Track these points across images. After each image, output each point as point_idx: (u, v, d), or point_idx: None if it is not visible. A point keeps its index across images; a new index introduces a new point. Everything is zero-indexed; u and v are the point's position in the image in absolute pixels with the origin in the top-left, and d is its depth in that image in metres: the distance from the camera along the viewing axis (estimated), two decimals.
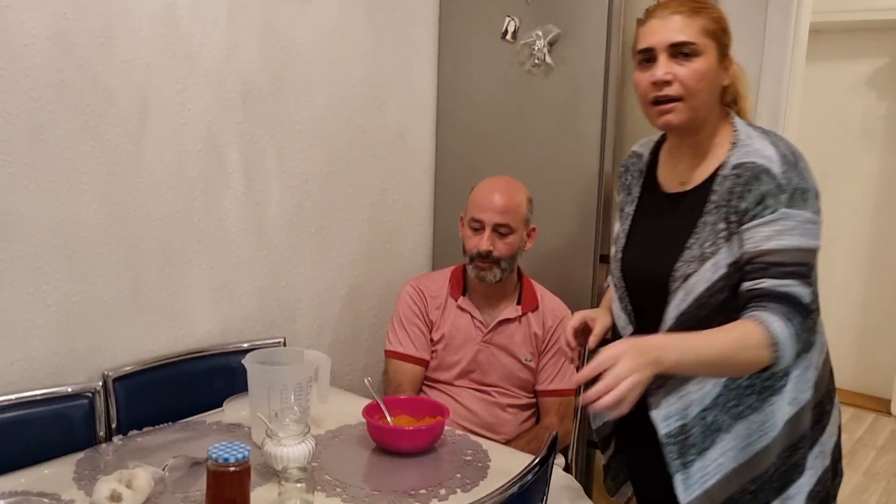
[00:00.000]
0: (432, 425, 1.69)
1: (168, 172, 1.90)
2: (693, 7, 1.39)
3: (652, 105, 1.42)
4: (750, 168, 1.35)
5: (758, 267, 1.32)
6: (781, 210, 1.31)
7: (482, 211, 2.03)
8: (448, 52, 2.57)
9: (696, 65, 1.38)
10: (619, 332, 1.58)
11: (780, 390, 1.41)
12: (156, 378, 1.90)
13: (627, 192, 1.61)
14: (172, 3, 1.85)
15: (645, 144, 1.63)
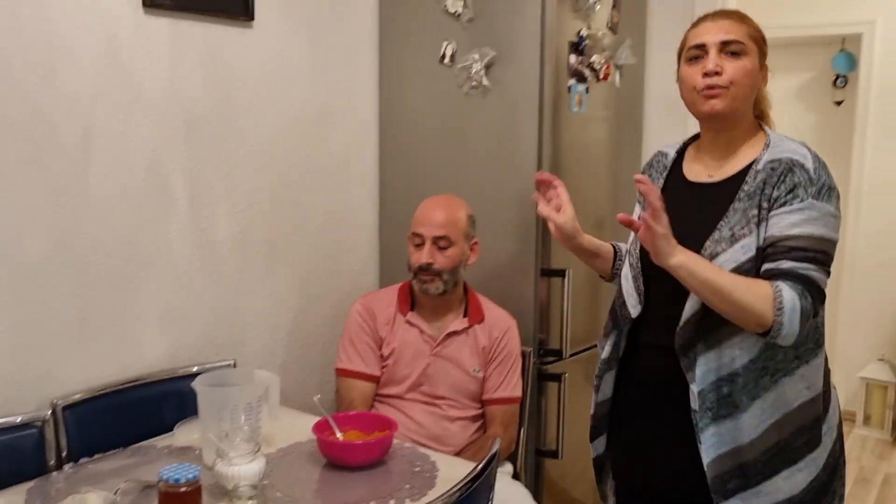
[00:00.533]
0: (380, 439, 1.73)
1: (113, 201, 1.93)
2: (740, 15, 1.59)
3: (699, 93, 1.56)
4: (785, 162, 1.51)
5: (780, 250, 1.45)
6: (809, 200, 1.46)
7: (422, 225, 2.11)
8: (389, 76, 2.64)
9: (742, 62, 1.54)
10: (628, 310, 1.67)
11: (793, 372, 1.53)
12: (105, 405, 1.91)
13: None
14: (114, 35, 1.89)
15: (671, 146, 1.78)
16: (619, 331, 1.71)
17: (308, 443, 1.84)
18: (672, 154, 1.74)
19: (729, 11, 1.62)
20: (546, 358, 2.41)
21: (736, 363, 1.52)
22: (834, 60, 4.51)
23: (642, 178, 1.46)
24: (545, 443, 2.44)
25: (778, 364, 1.53)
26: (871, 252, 4.34)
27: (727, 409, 1.53)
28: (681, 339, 1.56)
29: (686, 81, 1.60)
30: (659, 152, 1.79)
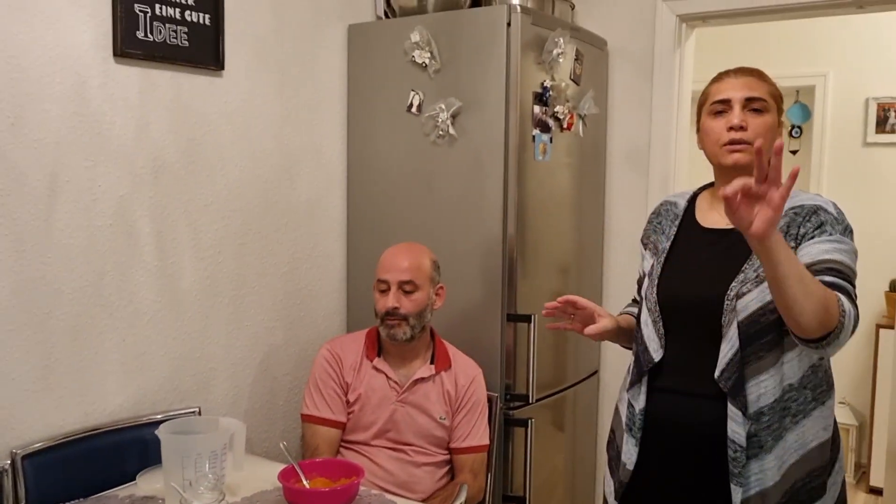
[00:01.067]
0: (347, 486, 1.73)
1: (78, 248, 1.92)
2: (760, 74, 1.68)
3: (723, 147, 1.62)
4: (809, 207, 1.58)
5: (819, 269, 1.49)
6: (837, 235, 1.54)
7: (387, 272, 2.13)
8: (357, 124, 2.68)
9: (764, 118, 1.62)
10: (650, 355, 1.69)
11: (811, 414, 1.58)
12: (66, 454, 1.88)
13: (661, 232, 1.78)
14: (83, 82, 1.91)
15: (679, 195, 1.85)
16: (644, 377, 1.70)
17: (274, 491, 1.82)
18: (682, 203, 1.80)
19: (751, 69, 1.69)
20: (513, 403, 2.42)
21: (762, 402, 1.55)
22: (789, 111, 4.66)
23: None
24: (512, 488, 2.44)
25: (799, 405, 1.57)
26: None
27: (754, 449, 1.56)
28: (727, 381, 1.56)
29: (710, 134, 1.66)
30: (666, 202, 1.85)
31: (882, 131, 4.25)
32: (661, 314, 1.68)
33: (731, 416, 1.56)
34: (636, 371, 1.73)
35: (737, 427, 1.55)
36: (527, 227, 2.44)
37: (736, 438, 1.55)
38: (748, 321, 1.54)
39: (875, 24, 4.14)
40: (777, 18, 2.94)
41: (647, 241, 1.83)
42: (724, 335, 1.56)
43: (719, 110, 1.65)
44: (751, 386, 1.55)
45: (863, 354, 4.32)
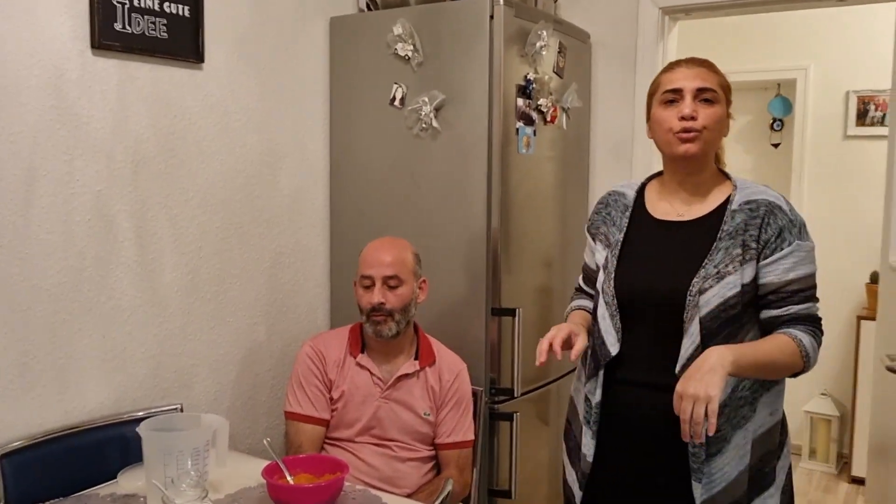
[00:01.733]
0: (331, 482, 1.71)
1: (56, 243, 1.89)
2: (711, 65, 1.70)
3: (675, 135, 1.63)
4: (764, 204, 1.62)
5: (783, 296, 1.60)
6: (796, 243, 1.60)
7: (370, 267, 2.11)
8: (339, 118, 2.66)
9: (714, 109, 1.64)
10: (608, 349, 1.68)
11: (760, 400, 1.63)
12: (46, 453, 1.85)
13: (612, 223, 1.77)
14: (60, 75, 1.87)
15: (626, 185, 1.83)
16: (600, 370, 1.70)
17: (258, 487, 1.80)
18: (631, 194, 1.79)
19: (702, 60, 1.70)
20: (498, 397, 2.42)
21: (722, 396, 1.54)
22: (770, 104, 4.68)
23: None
24: (498, 482, 2.44)
25: (754, 393, 1.62)
26: None
27: (718, 444, 1.59)
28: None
29: (662, 123, 1.66)
30: (614, 192, 1.83)
31: (862, 124, 4.28)
32: (618, 308, 1.69)
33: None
34: (593, 364, 1.73)
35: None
36: (511, 220, 2.43)
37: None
38: (709, 317, 1.57)
39: (856, 18, 4.17)
40: (759, 11, 2.95)
41: (597, 232, 1.82)
42: (686, 330, 1.58)
43: (671, 99, 1.65)
44: None
45: (844, 345, 4.35)
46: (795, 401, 4.47)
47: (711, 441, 1.57)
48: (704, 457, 1.58)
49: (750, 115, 4.82)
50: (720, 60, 4.57)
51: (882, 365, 2.14)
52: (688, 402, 1.43)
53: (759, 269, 1.60)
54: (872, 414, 2.76)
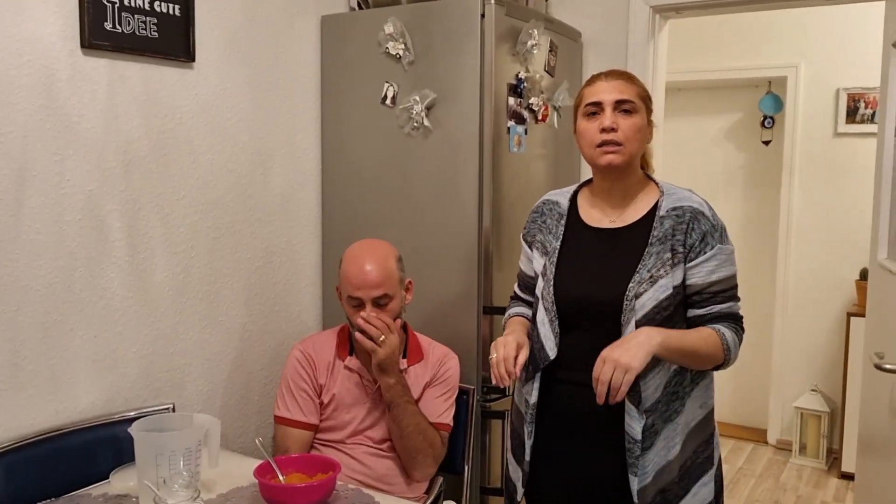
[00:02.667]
0: (324, 481, 1.71)
1: (47, 243, 1.89)
2: (629, 76, 1.77)
3: (597, 148, 1.71)
4: (689, 210, 1.71)
5: (706, 297, 1.70)
6: (717, 246, 1.69)
7: (358, 289, 2.04)
8: (331, 117, 2.65)
9: (634, 119, 1.72)
10: (546, 352, 1.76)
11: (691, 394, 1.74)
12: (37, 453, 1.85)
13: (548, 231, 1.84)
14: (50, 75, 1.87)
15: (559, 194, 1.91)
16: (538, 373, 1.79)
17: (250, 487, 1.81)
18: (565, 202, 1.87)
19: (620, 72, 1.78)
20: (489, 395, 2.42)
21: (656, 394, 1.68)
22: (761, 102, 4.70)
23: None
24: (490, 480, 2.44)
25: (684, 388, 1.72)
26: (801, 287, 4.49)
27: (651, 438, 1.68)
28: None
29: (585, 136, 1.75)
30: (548, 200, 1.91)
31: (852, 121, 4.30)
32: (557, 313, 1.76)
33: (627, 410, 1.67)
34: (531, 367, 1.80)
35: (631, 421, 1.67)
36: (502, 219, 2.44)
37: (630, 432, 1.67)
38: (645, 319, 1.65)
39: (846, 16, 4.19)
40: (749, 9, 2.95)
41: (533, 239, 1.88)
42: (623, 333, 1.67)
43: (592, 112, 1.73)
44: (644, 382, 1.66)
45: (834, 342, 4.38)
46: (786, 397, 4.51)
47: (645, 436, 1.67)
48: (639, 451, 1.67)
49: (741, 113, 4.84)
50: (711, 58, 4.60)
51: (871, 362, 2.16)
52: (609, 366, 1.53)
53: (685, 271, 1.69)
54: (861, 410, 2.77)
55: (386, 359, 2.00)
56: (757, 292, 4.60)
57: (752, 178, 4.82)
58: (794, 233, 4.49)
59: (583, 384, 1.70)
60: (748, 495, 3.94)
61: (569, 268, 1.78)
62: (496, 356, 1.68)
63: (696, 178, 4.67)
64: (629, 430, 1.67)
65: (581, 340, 1.74)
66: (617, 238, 1.76)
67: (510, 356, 1.67)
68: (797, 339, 4.52)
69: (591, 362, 1.68)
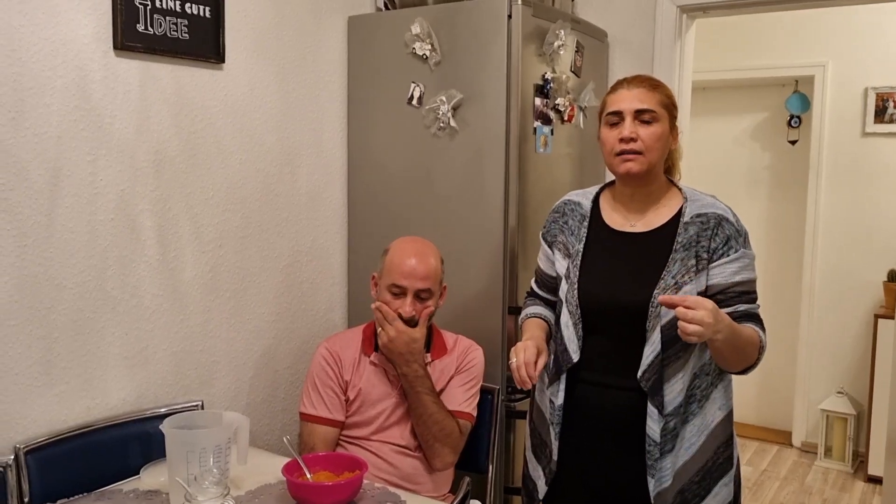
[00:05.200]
0: (351, 479, 1.73)
1: (80, 242, 1.92)
2: (652, 83, 1.76)
3: (616, 156, 1.73)
4: (713, 217, 1.72)
5: (731, 296, 1.69)
6: (741, 250, 1.69)
7: (404, 277, 2.07)
8: (357, 117, 2.67)
9: (654, 128, 1.72)
10: (570, 355, 1.77)
11: (710, 396, 1.74)
12: (69, 449, 1.88)
13: (570, 232, 1.84)
14: (84, 76, 1.90)
15: (581, 195, 1.91)
16: (563, 374, 1.79)
17: (277, 484, 1.82)
18: (587, 203, 1.87)
19: (643, 79, 1.77)
20: (514, 395, 2.42)
21: (677, 399, 1.68)
22: (788, 101, 4.65)
23: (666, 300, 1.56)
24: (514, 480, 2.45)
25: (702, 391, 1.72)
26: (828, 288, 4.45)
27: (671, 442, 1.69)
28: (647, 381, 1.68)
29: (605, 143, 1.77)
30: (569, 201, 1.91)
31: (881, 121, 4.25)
32: (581, 317, 1.76)
33: (648, 413, 1.68)
34: (555, 369, 1.81)
35: (653, 424, 1.68)
36: (528, 219, 2.44)
37: (651, 434, 1.68)
38: (669, 325, 1.64)
39: (874, 14, 4.14)
40: (777, 9, 2.93)
41: (554, 240, 1.89)
42: (648, 339, 1.68)
43: (613, 122, 1.74)
44: (668, 385, 1.68)
45: (861, 344, 4.33)
46: (811, 399, 4.47)
47: (665, 439, 1.68)
48: (658, 454, 1.68)
49: (767, 112, 4.80)
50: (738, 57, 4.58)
51: None
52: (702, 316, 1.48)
53: (708, 272, 1.69)
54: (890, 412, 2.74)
55: (390, 343, 2.04)
56: (783, 293, 4.57)
57: (779, 178, 4.78)
58: (821, 234, 4.45)
59: (605, 385, 1.75)
60: (772, 498, 3.91)
61: (592, 271, 1.78)
62: (516, 361, 1.68)
63: (721, 179, 4.66)
64: (650, 432, 1.68)
65: (604, 343, 1.76)
66: (640, 243, 1.77)
67: (530, 361, 1.67)
68: (823, 340, 4.48)
69: (612, 364, 1.73)
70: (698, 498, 1.73)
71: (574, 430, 1.80)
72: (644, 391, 1.68)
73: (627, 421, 1.72)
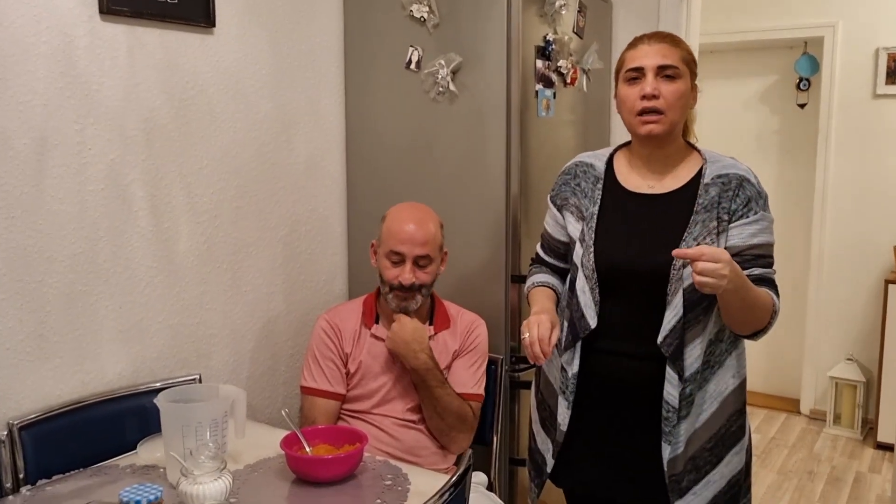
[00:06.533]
0: (351, 453, 1.69)
1: (70, 213, 1.87)
2: (674, 39, 1.69)
3: (637, 115, 1.66)
4: (735, 178, 1.66)
5: (747, 258, 1.63)
6: (760, 213, 1.65)
7: (402, 244, 2.03)
8: (354, 82, 2.60)
9: (677, 85, 1.65)
10: (587, 321, 1.70)
11: (724, 363, 1.70)
12: (64, 424, 1.85)
13: (583, 194, 1.78)
14: (69, 42, 1.83)
15: (593, 156, 1.84)
16: (579, 342, 1.73)
17: (276, 458, 1.79)
18: (600, 165, 1.80)
19: (664, 34, 1.71)
20: (518, 365, 2.38)
21: (697, 363, 1.64)
22: (797, 63, 4.56)
23: (681, 253, 1.51)
24: (518, 451, 2.42)
25: (716, 357, 1.68)
26: (837, 254, 4.39)
27: (687, 408, 1.65)
28: (669, 346, 1.62)
29: (625, 102, 1.69)
30: (581, 162, 1.84)
31: (892, 83, 4.16)
32: (598, 281, 1.70)
33: (668, 378, 1.64)
34: (570, 336, 1.74)
35: (672, 389, 1.64)
36: (530, 185, 2.38)
37: (670, 400, 1.64)
38: (691, 288, 1.58)
39: None
40: None
41: (565, 202, 1.82)
42: (669, 302, 1.62)
43: (633, 77, 1.67)
44: (688, 349, 1.64)
45: (871, 310, 4.28)
46: (820, 367, 4.43)
47: (682, 405, 1.64)
48: (676, 420, 1.64)
49: (776, 75, 4.70)
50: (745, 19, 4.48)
51: None
52: (716, 267, 1.45)
53: (727, 233, 1.64)
54: None
55: (393, 335, 2.02)
56: (791, 259, 4.50)
57: (787, 142, 4.70)
58: (830, 198, 4.38)
59: (623, 353, 1.70)
60: (781, 465, 3.88)
61: (609, 234, 1.72)
62: (529, 336, 1.62)
63: (729, 143, 4.58)
64: (668, 398, 1.63)
65: (622, 309, 1.70)
66: (659, 205, 1.70)
67: (545, 336, 1.61)
68: (832, 307, 4.42)
69: (632, 331, 1.68)
70: (710, 465, 1.69)
71: (587, 400, 1.75)
72: (660, 358, 1.64)
73: (644, 389, 1.67)
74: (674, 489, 1.67)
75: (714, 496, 1.69)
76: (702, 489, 1.68)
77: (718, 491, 1.70)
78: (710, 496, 1.69)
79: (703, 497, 1.68)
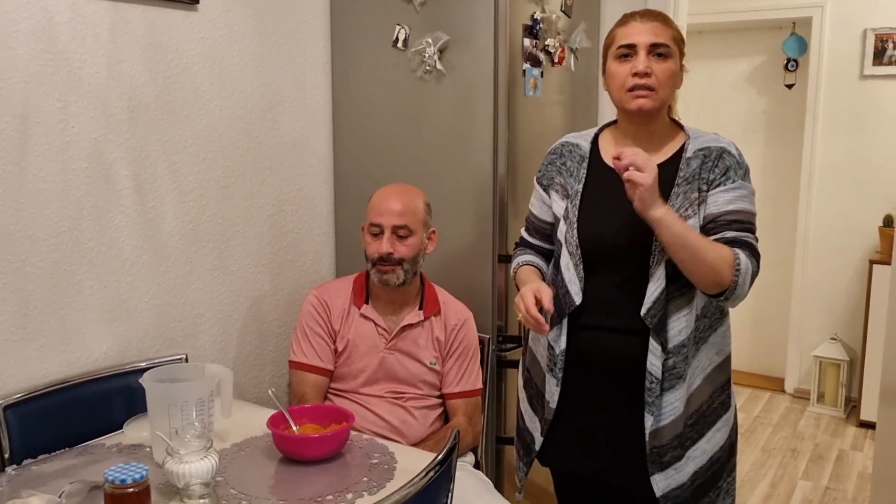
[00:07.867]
0: (338, 431, 1.70)
1: (53, 192, 1.85)
2: (665, 18, 1.70)
3: (628, 91, 1.66)
4: (715, 150, 1.67)
5: (722, 223, 1.62)
6: (739, 181, 1.65)
7: (380, 215, 2.06)
8: (341, 61, 2.58)
9: (668, 64, 1.67)
10: (572, 297, 1.72)
11: (708, 339, 1.71)
12: (49, 404, 1.84)
13: (569, 174, 1.79)
14: (50, 18, 1.81)
15: (579, 136, 1.85)
16: (564, 318, 1.74)
17: (263, 437, 1.79)
18: (585, 145, 1.82)
19: (656, 13, 1.71)
20: (505, 345, 2.39)
21: (681, 336, 1.64)
22: (784, 44, 4.56)
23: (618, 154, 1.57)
24: (506, 430, 2.43)
25: (700, 333, 1.70)
26: (822, 233, 4.42)
27: (671, 381, 1.66)
28: (653, 318, 1.64)
29: (616, 79, 1.69)
30: (567, 143, 1.86)
31: (879, 63, 4.17)
32: (582, 257, 1.71)
33: (651, 349, 1.64)
34: (556, 313, 1.75)
35: (655, 360, 1.64)
36: (517, 165, 2.38)
37: (653, 370, 1.64)
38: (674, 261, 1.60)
39: None
40: None
41: (551, 182, 1.84)
42: (652, 275, 1.64)
43: (624, 54, 1.67)
44: (672, 321, 1.65)
45: (855, 290, 4.32)
46: (804, 345, 4.47)
47: (665, 377, 1.65)
48: (659, 391, 1.65)
49: (764, 56, 4.70)
50: None
51: None
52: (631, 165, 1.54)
53: (706, 202, 1.65)
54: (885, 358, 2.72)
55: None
56: (777, 239, 4.53)
57: (775, 122, 4.71)
58: (817, 178, 4.40)
59: (608, 328, 1.71)
60: (765, 443, 3.92)
61: (593, 210, 1.73)
62: (522, 311, 1.64)
63: (716, 123, 4.57)
64: (651, 368, 1.64)
65: (606, 284, 1.71)
66: None
67: (531, 303, 1.62)
68: (817, 286, 4.46)
69: (616, 305, 1.69)
70: (690, 441, 1.71)
71: (574, 377, 1.76)
72: (645, 332, 1.65)
73: (629, 363, 1.68)
74: (654, 461, 1.68)
75: (694, 472, 1.71)
76: (683, 464, 1.69)
77: (699, 467, 1.71)
78: (689, 471, 1.70)
79: (683, 472, 1.69)
